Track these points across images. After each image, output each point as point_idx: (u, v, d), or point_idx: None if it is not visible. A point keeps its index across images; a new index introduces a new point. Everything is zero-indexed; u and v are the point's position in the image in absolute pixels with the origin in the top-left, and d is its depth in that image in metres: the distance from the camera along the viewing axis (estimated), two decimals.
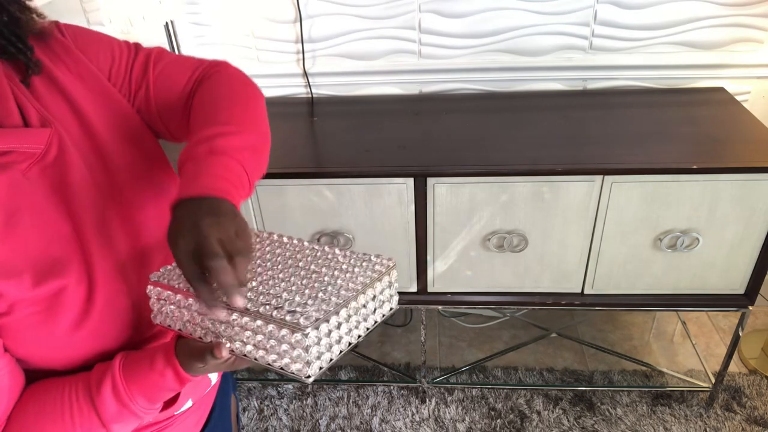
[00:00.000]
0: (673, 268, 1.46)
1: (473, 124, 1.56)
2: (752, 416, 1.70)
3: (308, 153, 1.49)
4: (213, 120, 0.69)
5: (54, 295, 0.61)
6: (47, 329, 0.62)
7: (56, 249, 0.63)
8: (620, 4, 1.57)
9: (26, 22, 0.63)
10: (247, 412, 1.81)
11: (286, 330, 0.56)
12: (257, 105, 0.78)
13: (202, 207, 0.58)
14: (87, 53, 0.70)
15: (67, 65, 0.68)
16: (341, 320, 0.59)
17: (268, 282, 0.63)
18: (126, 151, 0.72)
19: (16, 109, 0.62)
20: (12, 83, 0.63)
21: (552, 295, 1.54)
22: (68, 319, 0.62)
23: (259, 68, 1.72)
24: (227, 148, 0.65)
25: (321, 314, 0.56)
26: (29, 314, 0.60)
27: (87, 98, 0.69)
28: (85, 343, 0.65)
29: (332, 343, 0.59)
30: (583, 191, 1.36)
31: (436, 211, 1.41)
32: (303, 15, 1.62)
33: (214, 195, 0.60)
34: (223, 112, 0.71)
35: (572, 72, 1.68)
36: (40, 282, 0.60)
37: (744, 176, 1.30)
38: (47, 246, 0.62)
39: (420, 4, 1.60)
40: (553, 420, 1.72)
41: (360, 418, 1.77)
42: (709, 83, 1.67)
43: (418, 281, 1.54)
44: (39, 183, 0.63)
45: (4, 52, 0.62)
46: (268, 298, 0.60)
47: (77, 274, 0.64)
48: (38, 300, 0.60)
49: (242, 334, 0.59)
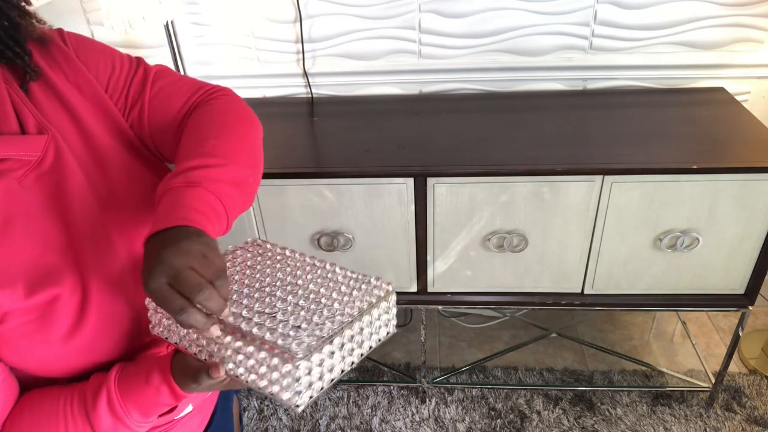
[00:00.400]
0: (673, 268, 1.46)
1: (473, 124, 1.56)
2: (752, 416, 1.70)
3: (308, 153, 1.49)
4: (198, 151, 0.66)
5: (47, 304, 0.61)
6: (41, 338, 0.61)
7: (50, 258, 0.62)
8: (620, 4, 1.57)
9: (25, 27, 0.63)
10: (247, 412, 1.81)
11: (278, 359, 0.54)
12: (250, 136, 0.74)
13: (165, 239, 0.56)
14: (87, 63, 0.69)
15: (66, 73, 0.67)
16: (335, 349, 0.58)
17: (264, 300, 0.62)
18: (124, 160, 0.71)
19: (14, 114, 0.62)
20: (10, 88, 0.63)
21: (552, 295, 1.54)
22: (62, 328, 0.62)
23: (259, 68, 1.72)
24: (204, 180, 0.63)
25: (314, 341, 0.55)
26: (22, 323, 0.59)
27: (85, 107, 0.68)
28: (81, 351, 0.64)
29: (324, 372, 0.58)
30: (583, 191, 1.36)
31: (436, 211, 1.41)
32: (303, 15, 1.62)
33: (179, 225, 0.57)
34: (209, 141, 0.68)
35: (572, 72, 1.68)
36: (34, 291, 0.60)
37: (744, 176, 1.30)
38: (41, 255, 0.61)
39: (420, 4, 1.60)
40: (553, 420, 1.72)
41: (360, 418, 1.77)
42: (709, 83, 1.67)
43: (418, 281, 1.54)
44: (34, 191, 0.62)
45: (3, 56, 0.61)
46: (263, 318, 0.59)
47: (71, 283, 0.63)
48: (31, 309, 0.60)
49: (235, 356, 0.58)
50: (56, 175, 0.64)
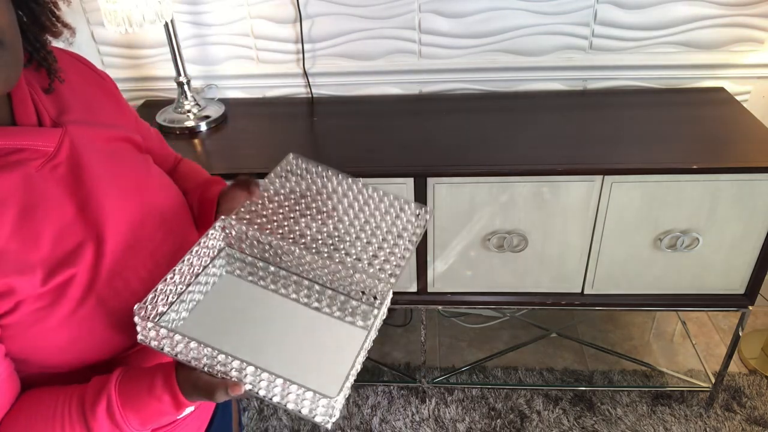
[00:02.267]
0: (673, 268, 1.46)
1: (473, 124, 1.56)
2: (752, 416, 1.70)
3: (308, 153, 1.49)
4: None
5: (61, 286, 0.62)
6: (49, 322, 0.62)
7: (68, 243, 0.64)
8: (620, 4, 1.57)
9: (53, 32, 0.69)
10: (247, 412, 1.81)
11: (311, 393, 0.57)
12: None
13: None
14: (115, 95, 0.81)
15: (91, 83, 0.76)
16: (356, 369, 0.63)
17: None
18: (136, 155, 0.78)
19: (33, 109, 0.66)
20: (32, 89, 0.67)
21: (552, 295, 1.54)
22: (69, 305, 0.63)
23: (259, 68, 1.72)
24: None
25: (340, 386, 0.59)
26: (34, 310, 0.60)
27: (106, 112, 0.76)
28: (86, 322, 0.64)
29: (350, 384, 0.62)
30: (583, 191, 1.36)
31: (436, 211, 1.41)
32: (303, 15, 1.62)
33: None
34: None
35: (572, 72, 1.68)
36: (51, 276, 0.61)
37: (744, 176, 1.30)
38: (59, 241, 0.63)
39: (420, 4, 1.60)
40: (553, 420, 1.73)
41: (360, 418, 1.77)
42: (709, 83, 1.67)
43: (418, 281, 1.54)
44: (51, 181, 0.65)
45: (31, 59, 0.67)
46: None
47: (88, 258, 0.64)
48: (45, 294, 0.61)
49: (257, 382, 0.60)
50: (72, 167, 0.67)
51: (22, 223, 0.60)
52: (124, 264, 0.68)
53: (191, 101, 1.61)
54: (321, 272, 0.73)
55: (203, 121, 1.58)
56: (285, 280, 0.76)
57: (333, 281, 0.74)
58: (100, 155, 0.70)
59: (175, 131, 1.57)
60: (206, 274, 0.76)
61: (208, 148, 1.52)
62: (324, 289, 0.74)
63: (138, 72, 1.74)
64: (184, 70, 1.58)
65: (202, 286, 0.76)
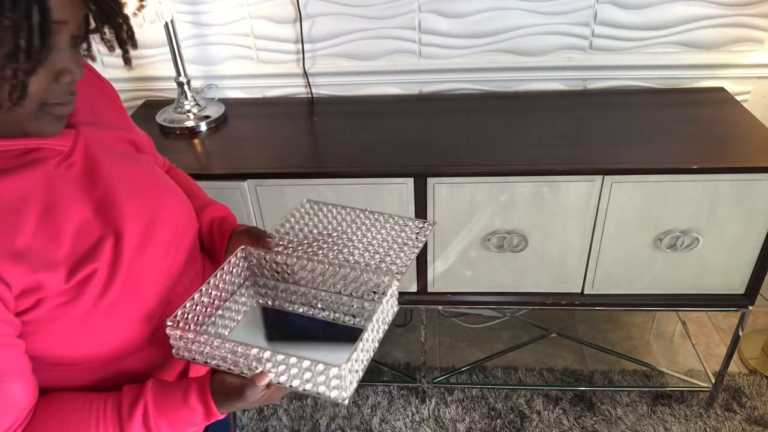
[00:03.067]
0: (673, 268, 1.46)
1: (473, 124, 1.56)
2: (752, 416, 1.70)
3: (308, 153, 1.49)
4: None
5: (82, 282, 0.63)
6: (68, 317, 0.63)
7: (87, 240, 0.65)
8: (620, 4, 1.57)
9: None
10: (247, 412, 1.81)
11: (322, 365, 0.63)
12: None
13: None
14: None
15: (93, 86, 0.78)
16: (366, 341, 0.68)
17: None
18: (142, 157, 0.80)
19: None
20: None
21: (552, 295, 1.54)
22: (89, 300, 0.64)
23: (259, 68, 1.72)
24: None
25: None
26: (56, 306, 0.62)
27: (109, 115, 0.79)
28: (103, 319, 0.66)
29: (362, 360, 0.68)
30: (583, 191, 1.36)
31: (436, 211, 1.41)
32: (303, 15, 1.62)
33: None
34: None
35: (572, 72, 1.68)
36: (74, 273, 0.63)
37: (744, 176, 1.30)
38: (79, 238, 0.64)
39: (420, 4, 1.60)
40: (553, 420, 1.73)
41: (360, 418, 1.77)
42: (709, 83, 1.67)
43: (418, 281, 1.54)
44: (69, 179, 0.66)
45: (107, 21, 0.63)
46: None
47: (108, 253, 0.66)
48: (67, 291, 0.62)
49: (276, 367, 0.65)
50: (86, 165, 0.69)
51: (44, 221, 0.62)
52: (141, 259, 0.70)
53: (191, 101, 1.61)
54: (335, 279, 0.81)
55: (203, 121, 1.58)
56: (304, 297, 0.84)
57: (346, 286, 0.81)
58: (111, 155, 0.72)
59: (175, 131, 1.57)
60: (234, 301, 0.82)
61: (208, 148, 1.52)
62: (340, 296, 0.82)
63: (138, 72, 1.74)
64: (184, 70, 1.58)
65: (232, 312, 0.81)
